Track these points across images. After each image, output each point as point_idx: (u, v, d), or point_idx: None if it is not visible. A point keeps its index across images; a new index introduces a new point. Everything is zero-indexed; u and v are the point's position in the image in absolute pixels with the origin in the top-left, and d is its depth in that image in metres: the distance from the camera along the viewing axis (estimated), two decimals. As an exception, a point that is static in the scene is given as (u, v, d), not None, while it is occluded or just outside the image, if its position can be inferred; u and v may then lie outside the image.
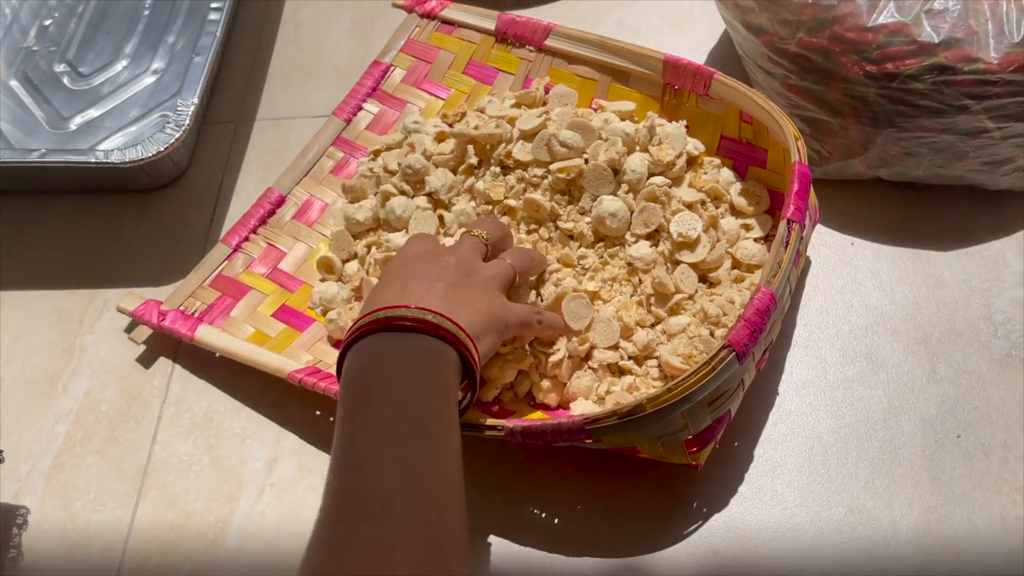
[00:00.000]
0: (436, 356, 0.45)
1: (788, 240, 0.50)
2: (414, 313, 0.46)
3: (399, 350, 0.45)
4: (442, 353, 0.45)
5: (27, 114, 0.78)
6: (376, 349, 0.45)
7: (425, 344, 0.45)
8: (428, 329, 0.45)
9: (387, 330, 0.45)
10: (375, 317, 0.46)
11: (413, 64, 0.74)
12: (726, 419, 0.52)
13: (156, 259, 0.70)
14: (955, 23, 0.56)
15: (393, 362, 0.45)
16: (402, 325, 0.45)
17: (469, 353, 0.46)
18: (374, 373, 0.44)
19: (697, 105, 0.65)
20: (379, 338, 0.45)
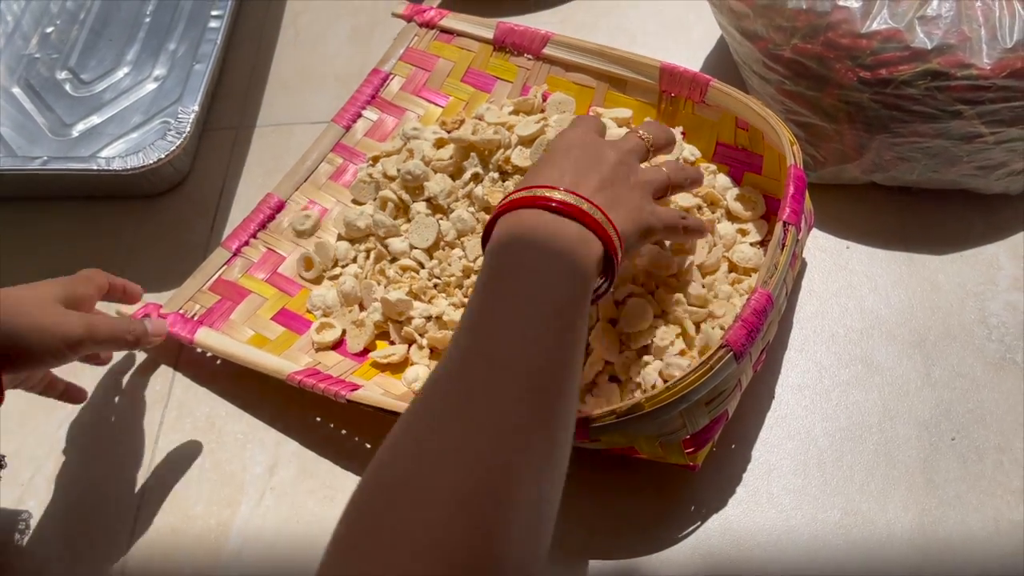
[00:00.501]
0: (582, 244, 0.45)
1: (784, 242, 0.50)
2: (568, 198, 0.45)
3: (548, 230, 0.45)
4: (588, 242, 0.45)
5: (29, 121, 0.79)
6: (527, 224, 0.45)
7: (574, 230, 0.45)
8: (579, 216, 0.45)
9: (540, 208, 0.45)
10: (531, 193, 0.46)
11: (412, 72, 0.75)
12: (723, 419, 0.52)
13: (157, 265, 0.71)
14: (948, 29, 0.56)
15: (539, 240, 0.44)
16: (554, 207, 0.45)
17: (614, 248, 0.46)
18: (522, 246, 0.44)
19: (693, 112, 0.65)
20: (531, 214, 0.45)
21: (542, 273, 0.43)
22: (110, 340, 0.55)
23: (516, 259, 0.44)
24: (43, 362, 0.52)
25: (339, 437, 0.61)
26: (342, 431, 0.61)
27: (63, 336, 0.51)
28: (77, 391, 0.62)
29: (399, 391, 0.59)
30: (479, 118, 0.68)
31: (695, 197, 0.62)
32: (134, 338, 0.57)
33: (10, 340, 0.49)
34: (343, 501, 0.57)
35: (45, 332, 0.51)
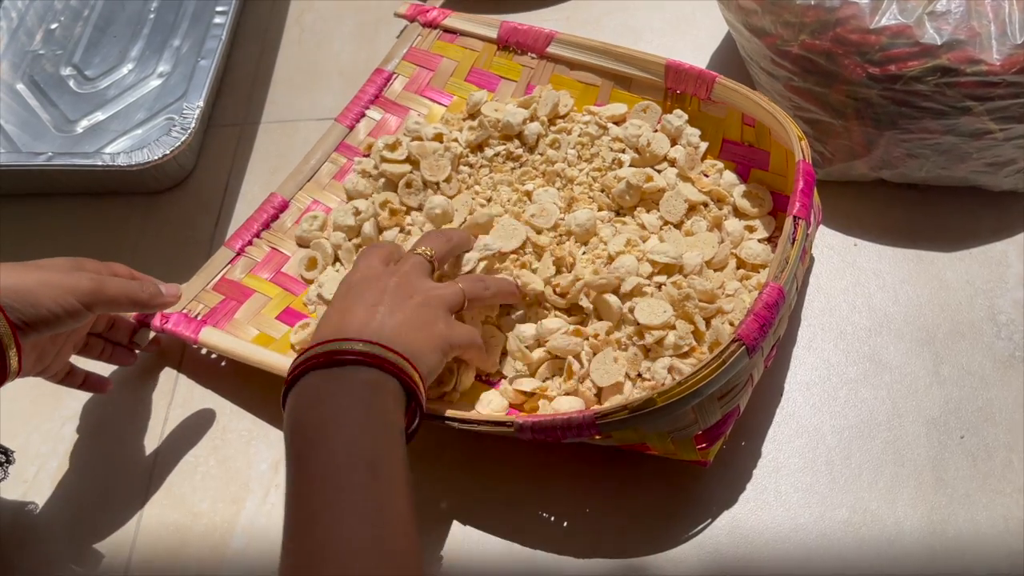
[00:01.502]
0: (377, 389, 0.46)
1: (795, 237, 0.50)
2: (350, 346, 0.46)
3: (340, 387, 0.45)
4: (383, 384, 0.46)
5: (33, 117, 0.79)
6: (318, 389, 0.46)
7: (365, 377, 0.46)
8: (366, 360, 0.46)
9: (327, 366, 0.46)
10: (314, 353, 0.46)
11: (416, 72, 0.74)
12: (735, 414, 0.52)
13: (162, 261, 0.70)
14: (957, 25, 0.56)
15: (336, 402, 0.45)
16: (341, 359, 0.46)
17: (411, 379, 0.47)
18: (318, 416, 0.44)
19: (699, 109, 0.65)
20: (319, 375, 0.46)
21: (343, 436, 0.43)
22: (122, 297, 0.54)
23: (315, 433, 0.44)
24: (58, 319, 0.50)
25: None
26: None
27: (72, 289, 0.51)
28: (99, 381, 0.61)
29: None
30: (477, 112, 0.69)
31: (701, 194, 0.62)
32: (147, 295, 0.56)
33: (19, 295, 0.49)
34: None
35: (55, 287, 0.50)
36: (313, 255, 0.66)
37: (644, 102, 0.66)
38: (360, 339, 0.47)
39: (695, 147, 0.64)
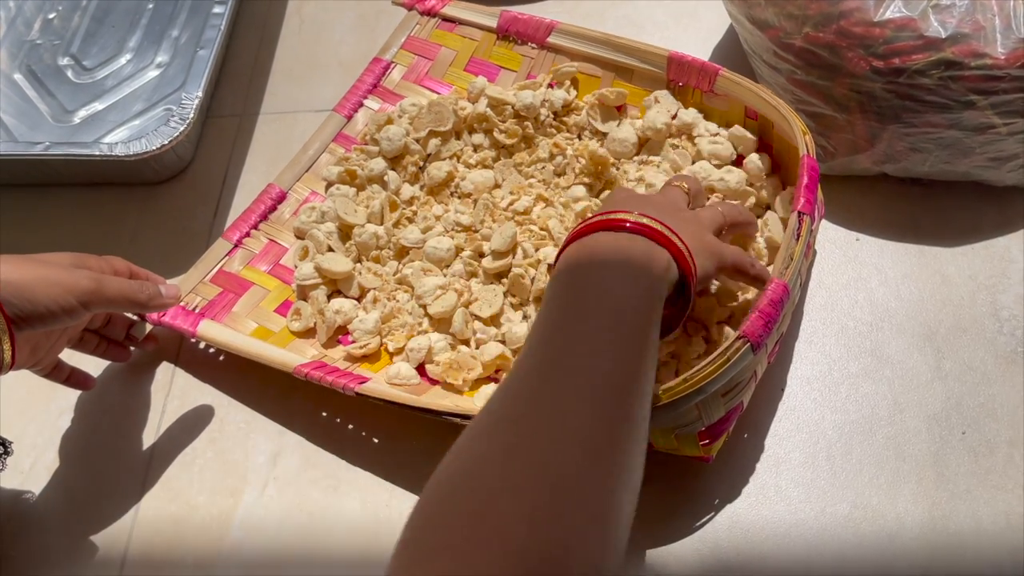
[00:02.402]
0: (649, 254, 0.44)
1: (799, 233, 0.49)
2: (637, 218, 0.45)
3: (614, 246, 0.45)
4: (656, 254, 0.45)
5: (31, 107, 0.78)
6: (592, 244, 0.45)
7: (640, 244, 0.45)
8: (644, 231, 0.45)
9: (610, 229, 0.45)
10: (593, 220, 0.46)
11: (414, 61, 0.74)
12: (738, 411, 0.52)
13: (160, 252, 0.70)
14: (962, 18, 0.56)
15: (607, 255, 0.44)
16: (619, 225, 0.45)
17: (684, 258, 0.45)
18: (587, 262, 0.44)
19: (702, 101, 0.64)
20: (602, 235, 0.45)
21: (609, 286, 0.43)
22: (120, 297, 0.54)
23: (583, 275, 0.44)
24: (54, 316, 0.50)
25: (342, 428, 0.60)
26: (348, 425, 0.60)
27: (71, 287, 0.51)
28: (84, 377, 0.61)
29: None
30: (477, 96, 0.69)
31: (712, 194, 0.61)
32: (146, 297, 0.56)
33: (17, 290, 0.49)
34: (346, 491, 0.58)
35: (53, 284, 0.50)
36: (306, 245, 0.65)
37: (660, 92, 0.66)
38: (642, 213, 0.45)
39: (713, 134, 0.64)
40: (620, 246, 0.45)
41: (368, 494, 0.58)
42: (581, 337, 0.41)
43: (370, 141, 0.69)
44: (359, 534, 0.56)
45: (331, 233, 0.65)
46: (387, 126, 0.68)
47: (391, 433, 0.59)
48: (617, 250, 0.44)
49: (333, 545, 0.56)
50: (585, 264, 0.45)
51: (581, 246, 0.46)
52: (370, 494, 0.58)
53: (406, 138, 0.67)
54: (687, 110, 0.64)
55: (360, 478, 0.58)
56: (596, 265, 0.44)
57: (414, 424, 0.58)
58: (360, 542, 0.56)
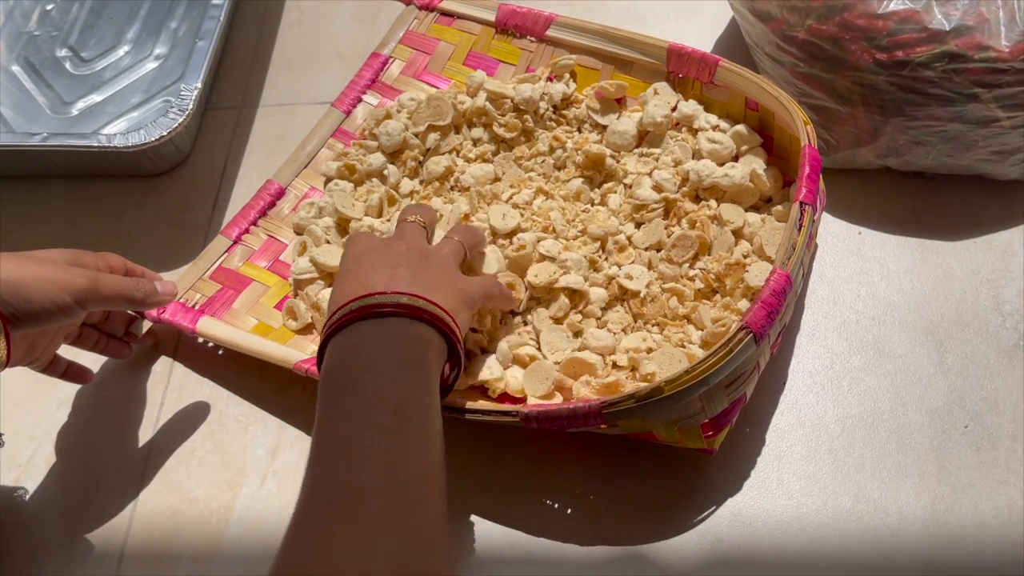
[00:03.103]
0: (415, 339, 0.44)
1: (801, 223, 0.49)
2: (389, 298, 0.45)
3: (377, 337, 0.44)
4: (421, 335, 0.45)
5: (29, 99, 0.78)
6: (354, 339, 0.44)
7: (403, 328, 0.44)
8: (405, 311, 0.44)
9: (363, 318, 0.44)
10: (350, 308, 0.45)
11: (412, 56, 0.73)
12: (741, 402, 0.52)
13: (159, 244, 0.70)
14: (966, 10, 0.55)
15: (371, 349, 0.44)
16: (379, 311, 0.44)
17: (450, 330, 0.46)
18: (352, 362, 0.44)
19: (702, 93, 0.64)
20: (356, 327, 0.45)
21: (375, 382, 0.42)
22: (116, 295, 0.53)
23: (346, 378, 0.43)
24: (50, 315, 0.50)
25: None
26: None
27: (66, 285, 0.50)
28: (81, 371, 0.60)
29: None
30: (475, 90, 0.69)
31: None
32: (142, 294, 0.55)
33: (13, 288, 0.48)
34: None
35: (49, 282, 0.50)
36: (304, 240, 0.65)
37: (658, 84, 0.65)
38: (396, 291, 0.45)
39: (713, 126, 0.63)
40: (384, 338, 0.44)
41: (368, 487, 0.57)
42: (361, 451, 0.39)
43: (369, 136, 0.69)
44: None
45: (329, 228, 0.65)
46: (386, 121, 0.68)
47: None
48: (382, 343, 0.44)
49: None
50: (351, 366, 0.43)
51: (343, 343, 0.44)
52: (370, 487, 0.57)
53: (405, 133, 0.67)
54: (687, 102, 0.64)
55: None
56: (363, 366, 0.43)
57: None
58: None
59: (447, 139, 0.67)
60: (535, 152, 0.66)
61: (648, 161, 0.63)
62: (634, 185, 0.62)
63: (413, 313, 0.45)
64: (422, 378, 0.43)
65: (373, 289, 0.46)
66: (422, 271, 0.48)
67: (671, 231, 0.59)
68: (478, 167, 0.66)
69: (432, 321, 0.45)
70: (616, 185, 0.63)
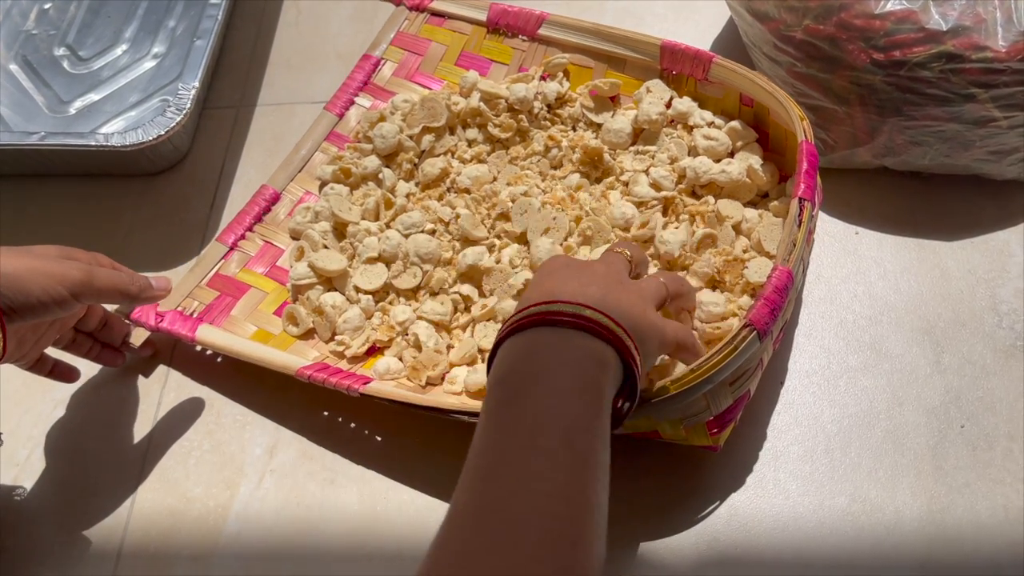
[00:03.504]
0: (592, 356, 0.41)
1: (801, 219, 0.49)
2: (571, 308, 0.41)
3: (553, 347, 0.41)
4: (599, 354, 0.41)
5: (26, 98, 0.78)
6: (530, 345, 0.42)
7: (582, 343, 0.41)
8: (585, 326, 0.41)
9: (542, 325, 0.42)
10: (530, 312, 0.42)
11: (404, 57, 0.73)
12: (746, 399, 0.52)
13: (156, 244, 0.70)
14: (963, 11, 0.55)
15: (546, 360, 0.41)
16: (559, 320, 0.41)
17: (630, 354, 0.42)
18: (525, 370, 0.41)
19: (696, 90, 0.64)
20: (534, 333, 0.42)
21: (547, 399, 0.39)
22: (111, 288, 0.54)
23: (517, 386, 0.40)
24: (45, 307, 0.50)
25: (339, 422, 0.60)
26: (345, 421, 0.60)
27: (61, 278, 0.50)
28: (68, 369, 0.60)
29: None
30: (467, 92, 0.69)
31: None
32: (137, 288, 0.55)
33: (8, 281, 0.49)
34: (344, 484, 0.57)
35: (43, 275, 0.50)
36: (301, 245, 0.65)
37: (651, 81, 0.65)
38: (582, 303, 0.42)
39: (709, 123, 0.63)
40: (561, 349, 0.41)
41: (365, 487, 0.57)
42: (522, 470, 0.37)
43: (363, 139, 0.69)
44: (356, 527, 0.56)
45: (326, 232, 0.65)
46: (380, 123, 0.68)
47: (389, 428, 0.59)
48: (558, 355, 0.41)
49: (330, 538, 0.56)
50: (522, 373, 0.41)
51: (517, 347, 0.42)
52: (367, 487, 0.57)
53: (400, 135, 0.67)
54: (681, 99, 0.64)
55: (357, 471, 0.58)
56: (535, 375, 0.40)
57: (412, 419, 0.57)
58: (357, 535, 0.56)
59: (442, 140, 0.67)
60: (530, 152, 0.66)
61: (644, 158, 0.63)
62: (631, 183, 0.62)
63: (595, 329, 0.41)
64: (594, 400, 0.40)
65: (560, 296, 0.43)
66: (615, 293, 0.44)
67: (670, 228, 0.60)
68: (474, 168, 0.66)
69: (613, 342, 0.41)
70: (614, 181, 0.63)
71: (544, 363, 0.41)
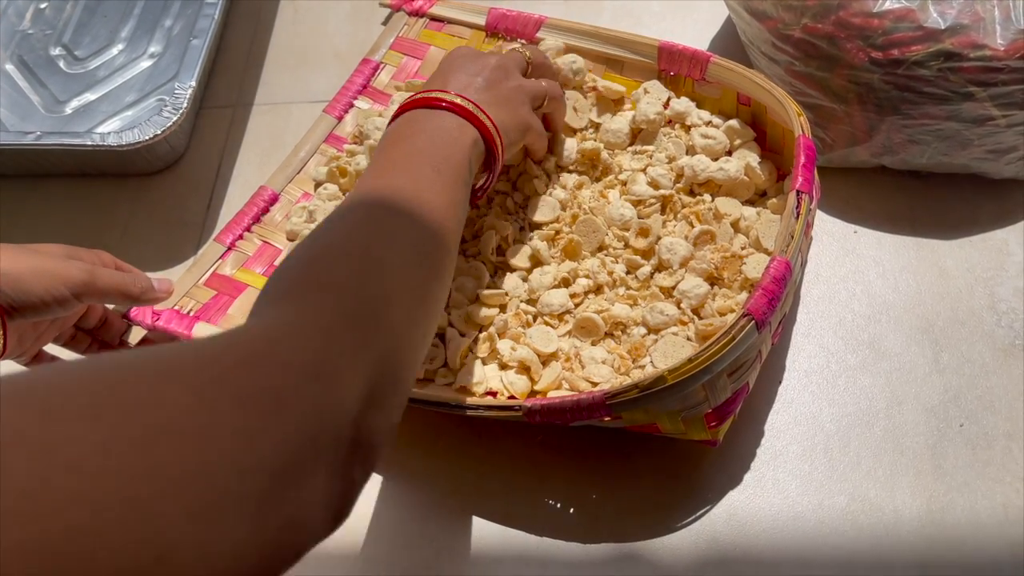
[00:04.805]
0: (463, 133, 0.51)
1: (798, 211, 0.49)
2: (451, 98, 0.51)
3: (433, 120, 0.51)
4: (469, 133, 0.51)
5: (23, 98, 0.77)
6: (415, 116, 0.51)
7: (452, 122, 0.51)
8: (456, 109, 0.51)
9: (427, 107, 0.51)
10: (417, 96, 0.52)
11: (403, 61, 0.73)
12: (745, 391, 0.51)
13: (153, 244, 0.69)
14: (961, 9, 0.55)
15: (426, 124, 0.51)
16: (437, 103, 0.51)
17: (492, 140, 0.52)
18: (408, 130, 0.51)
19: (694, 90, 0.64)
20: (419, 111, 0.51)
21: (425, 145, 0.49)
22: (113, 289, 0.54)
23: (403, 137, 0.50)
24: (47, 306, 0.50)
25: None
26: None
27: (63, 278, 0.51)
28: None
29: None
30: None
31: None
32: (139, 290, 0.56)
33: (11, 280, 0.49)
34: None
35: (46, 274, 0.50)
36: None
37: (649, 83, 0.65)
38: (457, 93, 0.52)
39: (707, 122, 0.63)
40: (436, 123, 0.51)
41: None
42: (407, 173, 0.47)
43: (358, 139, 0.69)
44: (353, 527, 0.56)
45: None
46: (374, 117, 0.68)
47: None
48: (434, 125, 0.51)
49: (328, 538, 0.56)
50: (408, 129, 0.51)
51: (406, 119, 0.52)
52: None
53: None
54: (679, 99, 0.64)
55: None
56: (415, 133, 0.51)
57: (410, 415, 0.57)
58: (354, 535, 0.56)
59: None
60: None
61: (642, 158, 0.63)
62: (629, 182, 0.62)
63: (462, 112, 0.51)
64: (459, 153, 0.50)
65: (446, 87, 0.53)
66: (493, 88, 0.54)
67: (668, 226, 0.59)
68: None
69: (475, 124, 0.51)
70: (613, 180, 0.63)
71: (423, 125, 0.51)
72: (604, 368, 0.54)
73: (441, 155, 0.49)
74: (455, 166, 0.49)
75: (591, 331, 0.57)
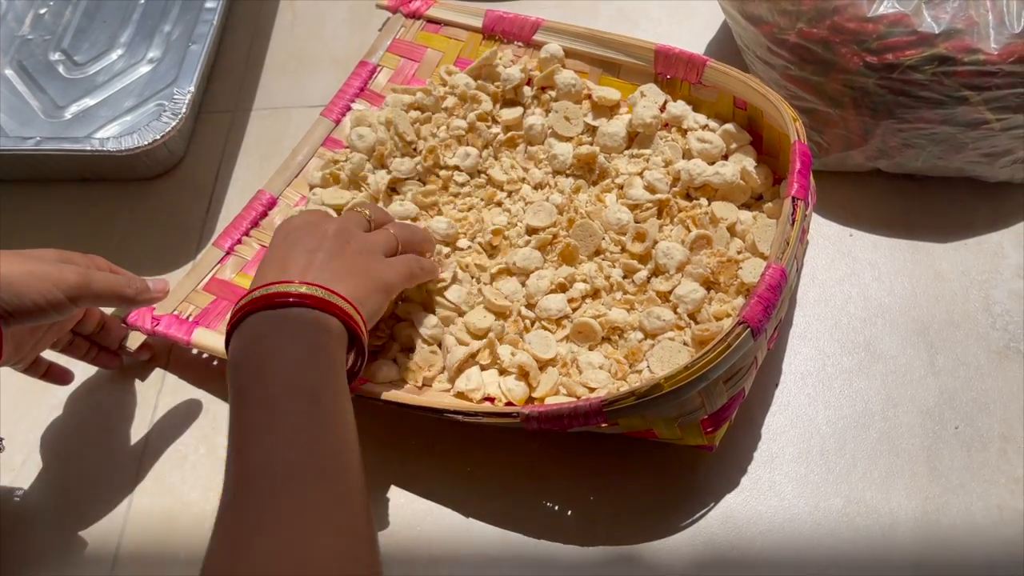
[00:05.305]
0: (319, 328, 0.46)
1: (794, 218, 0.49)
2: (296, 288, 0.47)
3: (283, 326, 0.46)
4: (325, 324, 0.47)
5: (22, 103, 0.78)
6: (261, 328, 0.46)
7: (308, 317, 0.46)
8: (309, 303, 0.47)
9: (270, 308, 0.47)
10: (256, 295, 0.47)
11: (400, 64, 0.73)
12: (740, 397, 0.52)
13: (152, 248, 0.70)
14: (955, 14, 0.56)
15: (278, 338, 0.46)
16: (284, 301, 0.46)
17: (352, 321, 0.48)
18: (260, 351, 0.45)
19: (690, 94, 0.64)
20: (262, 316, 0.46)
21: (284, 369, 0.44)
22: (108, 292, 0.54)
23: (256, 367, 0.45)
24: (42, 311, 0.50)
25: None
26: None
27: (58, 281, 0.50)
28: (62, 372, 0.60)
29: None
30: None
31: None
32: (134, 291, 0.55)
33: (5, 285, 0.49)
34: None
35: (40, 278, 0.50)
36: None
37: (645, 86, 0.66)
38: (302, 281, 0.47)
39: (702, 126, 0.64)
40: (288, 327, 0.46)
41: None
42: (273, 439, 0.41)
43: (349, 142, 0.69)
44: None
45: None
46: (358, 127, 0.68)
47: (382, 430, 0.59)
48: (287, 332, 0.46)
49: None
50: (258, 356, 0.45)
51: (250, 330, 0.46)
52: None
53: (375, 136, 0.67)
54: (675, 103, 0.64)
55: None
56: (270, 355, 0.45)
57: (407, 421, 0.58)
58: (354, 538, 0.56)
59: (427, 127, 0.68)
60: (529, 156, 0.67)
61: (639, 162, 0.63)
62: (626, 185, 0.62)
63: (315, 304, 0.47)
64: (328, 363, 0.45)
65: (286, 276, 0.48)
66: (338, 258, 0.50)
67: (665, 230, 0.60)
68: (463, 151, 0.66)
69: (333, 312, 0.47)
70: (610, 184, 0.63)
71: (277, 341, 0.46)
72: (601, 373, 0.54)
73: (309, 377, 0.44)
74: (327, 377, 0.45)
75: (588, 336, 0.57)
